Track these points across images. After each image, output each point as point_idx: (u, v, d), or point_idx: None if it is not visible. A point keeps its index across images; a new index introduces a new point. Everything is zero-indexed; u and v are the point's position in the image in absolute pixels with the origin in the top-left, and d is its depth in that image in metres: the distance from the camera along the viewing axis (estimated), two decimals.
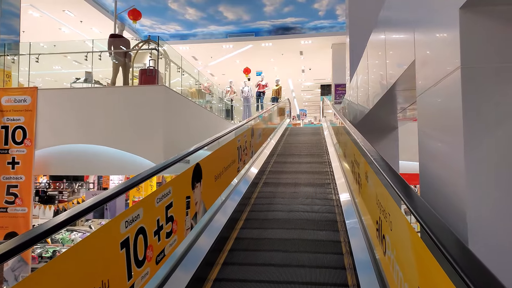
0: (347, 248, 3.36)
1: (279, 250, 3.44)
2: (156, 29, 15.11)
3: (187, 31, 15.38)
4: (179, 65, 11.16)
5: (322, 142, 8.87)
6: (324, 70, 18.43)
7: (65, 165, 7.63)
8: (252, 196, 5.06)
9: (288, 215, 4.30)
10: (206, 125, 10.01)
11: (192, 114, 8.88)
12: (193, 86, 12.63)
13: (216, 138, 3.82)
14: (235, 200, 4.43)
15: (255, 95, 15.51)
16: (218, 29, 15.01)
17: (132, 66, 9.18)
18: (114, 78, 8.79)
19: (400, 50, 3.21)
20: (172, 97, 7.80)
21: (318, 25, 14.54)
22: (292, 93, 25.85)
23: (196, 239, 3.28)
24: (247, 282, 2.92)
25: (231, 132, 4.60)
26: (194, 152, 3.21)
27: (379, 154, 2.71)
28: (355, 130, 3.86)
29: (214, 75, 20.54)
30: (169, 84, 9.82)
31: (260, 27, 14.85)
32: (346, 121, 4.97)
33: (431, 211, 1.57)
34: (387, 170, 2.24)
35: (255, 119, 7.28)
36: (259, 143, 6.73)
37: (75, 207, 1.74)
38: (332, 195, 5.04)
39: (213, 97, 14.75)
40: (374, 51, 4.72)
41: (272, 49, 16.06)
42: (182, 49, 16.03)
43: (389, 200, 2.06)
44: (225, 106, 15.32)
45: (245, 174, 5.39)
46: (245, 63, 17.33)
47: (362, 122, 6.26)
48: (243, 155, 4.98)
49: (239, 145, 4.74)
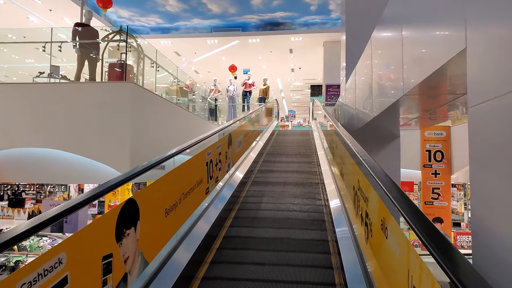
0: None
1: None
2: (135, 21, 13.98)
3: (169, 24, 14.29)
4: (155, 59, 10.14)
5: (314, 159, 7.96)
6: (314, 69, 17.55)
7: (15, 171, 6.62)
8: (216, 242, 3.60)
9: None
10: (185, 127, 8.99)
11: (168, 115, 7.86)
12: (174, 84, 11.62)
13: (166, 158, 2.73)
14: (190, 250, 3.11)
15: (241, 94, 14.55)
16: (202, 22, 13.96)
17: (102, 60, 8.10)
18: (79, 72, 7.73)
19: (431, 46, 2.28)
20: (142, 96, 6.78)
21: (309, 21, 13.63)
22: (281, 93, 24.92)
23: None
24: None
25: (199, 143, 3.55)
26: (131, 179, 2.22)
27: (407, 198, 1.77)
28: (361, 149, 2.91)
29: (198, 72, 19.46)
30: (142, 81, 8.79)
31: (247, 22, 13.87)
32: (346, 134, 4.03)
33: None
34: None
35: (238, 121, 6.32)
36: (239, 152, 5.75)
37: (28, 221, 1.48)
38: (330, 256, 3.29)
39: (195, 95, 13.72)
40: (382, 49, 3.80)
41: (260, 46, 15.09)
42: (163, 43, 14.94)
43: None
44: (209, 106, 14.31)
45: (217, 195, 4.35)
46: (231, 60, 16.32)
47: (361, 129, 5.35)
48: (215, 171, 3.97)
49: (210, 159, 3.72)
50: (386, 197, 1.85)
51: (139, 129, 6.33)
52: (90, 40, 7.82)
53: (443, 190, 13.33)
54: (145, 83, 9.51)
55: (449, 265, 1.11)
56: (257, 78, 15.77)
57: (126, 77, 7.13)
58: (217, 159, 3.99)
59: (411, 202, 1.69)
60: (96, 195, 1.90)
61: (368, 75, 4.44)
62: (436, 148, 10.28)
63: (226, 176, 4.66)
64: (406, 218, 1.54)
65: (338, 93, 13.51)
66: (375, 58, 4.11)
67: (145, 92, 7.06)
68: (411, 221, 1.49)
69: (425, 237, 1.33)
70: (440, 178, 13.60)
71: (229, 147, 4.72)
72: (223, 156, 4.35)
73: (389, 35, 3.39)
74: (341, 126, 4.49)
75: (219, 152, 4.13)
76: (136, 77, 8.31)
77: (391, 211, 1.81)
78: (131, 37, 8.56)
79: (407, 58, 2.80)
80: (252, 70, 17.32)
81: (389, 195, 1.81)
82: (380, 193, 1.98)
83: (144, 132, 6.52)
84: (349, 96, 6.62)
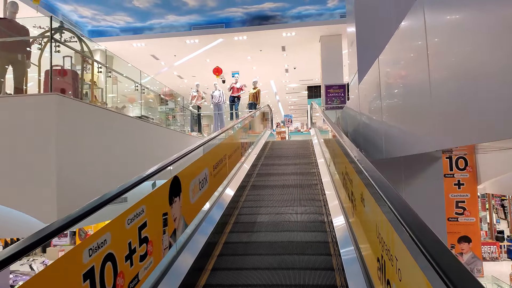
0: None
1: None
2: (100, 21, 12.01)
3: (141, 23, 12.33)
4: (111, 65, 8.24)
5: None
6: (311, 69, 15.58)
7: None
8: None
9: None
10: (152, 147, 6.99)
11: (124, 136, 5.87)
12: (147, 92, 9.67)
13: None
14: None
15: (229, 100, 12.60)
16: (178, 19, 11.99)
17: (39, 67, 6.23)
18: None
19: None
20: (78, 112, 4.82)
21: (302, 12, 11.67)
22: (276, 96, 22.94)
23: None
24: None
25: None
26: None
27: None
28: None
29: (182, 77, 17.47)
30: (90, 93, 6.88)
31: (231, 16, 11.90)
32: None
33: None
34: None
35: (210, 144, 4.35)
36: (202, 197, 3.74)
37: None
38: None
39: (175, 103, 11.75)
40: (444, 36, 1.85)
41: (247, 44, 13.13)
42: (136, 46, 12.98)
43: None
44: (192, 116, 12.34)
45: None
46: (216, 62, 14.35)
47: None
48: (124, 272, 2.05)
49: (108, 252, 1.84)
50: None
51: (72, 159, 4.37)
52: (12, 38, 5.95)
53: (469, 204, 11.31)
54: (99, 94, 7.60)
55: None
56: (247, 81, 13.83)
57: (53, 88, 5.19)
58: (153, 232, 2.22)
59: None
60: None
61: (412, 72, 2.47)
62: (458, 154, 8.99)
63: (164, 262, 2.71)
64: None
65: (341, 95, 11.54)
66: (434, 47, 2.15)
67: (83, 107, 5.10)
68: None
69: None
70: (464, 189, 11.63)
71: (173, 203, 2.76)
72: (155, 234, 2.44)
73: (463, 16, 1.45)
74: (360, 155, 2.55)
75: (138, 225, 2.22)
76: (82, 88, 6.36)
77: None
78: (72, 34, 6.67)
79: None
80: (242, 72, 15.37)
81: None
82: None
83: (80, 162, 4.53)
84: (367, 101, 4.65)
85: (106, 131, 5.32)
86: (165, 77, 16.44)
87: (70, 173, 4.32)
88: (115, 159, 5.28)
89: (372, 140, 4.10)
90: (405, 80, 2.75)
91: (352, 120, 5.88)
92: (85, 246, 1.72)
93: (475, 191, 11.14)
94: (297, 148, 8.22)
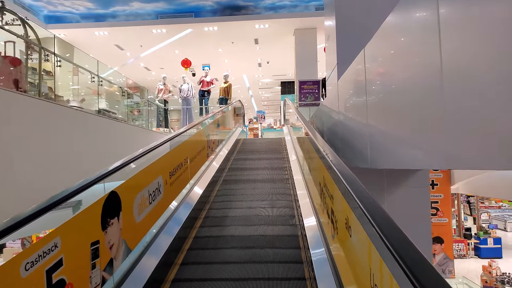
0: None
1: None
2: (58, 6, 10.97)
3: (103, 10, 11.37)
4: (72, 55, 7.45)
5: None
6: (284, 63, 15.09)
7: None
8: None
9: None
10: (112, 145, 6.25)
11: (69, 132, 5.12)
12: (112, 85, 8.84)
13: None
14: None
15: (198, 95, 11.90)
16: (144, 7, 11.15)
17: None
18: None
19: None
20: (14, 106, 4.06)
21: (276, 3, 11.12)
22: (249, 91, 22.35)
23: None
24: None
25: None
26: None
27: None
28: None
29: (150, 69, 16.55)
30: (39, 85, 6.06)
31: (200, 5, 11.18)
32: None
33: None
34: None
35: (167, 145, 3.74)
36: (151, 214, 3.14)
37: None
38: None
39: (140, 96, 10.93)
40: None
41: (218, 35, 12.45)
42: (99, 34, 12.02)
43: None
44: (158, 110, 11.56)
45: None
46: (186, 54, 13.59)
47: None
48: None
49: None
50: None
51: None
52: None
53: (442, 204, 11.20)
54: (50, 85, 6.76)
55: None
56: (219, 75, 13.18)
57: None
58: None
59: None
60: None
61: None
62: None
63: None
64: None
65: (315, 91, 11.13)
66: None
67: (20, 99, 4.33)
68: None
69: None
70: (438, 190, 11.52)
71: (109, 227, 2.15)
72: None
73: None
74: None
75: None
76: (26, 78, 5.53)
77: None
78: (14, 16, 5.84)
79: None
80: (213, 65, 14.70)
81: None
82: None
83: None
84: (345, 99, 4.17)
85: (48, 127, 4.57)
86: (131, 69, 15.51)
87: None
88: (55, 160, 4.54)
89: (351, 144, 3.62)
90: (404, 72, 2.22)
91: (328, 119, 5.42)
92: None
93: (448, 192, 11.04)
94: (269, 143, 8.02)
